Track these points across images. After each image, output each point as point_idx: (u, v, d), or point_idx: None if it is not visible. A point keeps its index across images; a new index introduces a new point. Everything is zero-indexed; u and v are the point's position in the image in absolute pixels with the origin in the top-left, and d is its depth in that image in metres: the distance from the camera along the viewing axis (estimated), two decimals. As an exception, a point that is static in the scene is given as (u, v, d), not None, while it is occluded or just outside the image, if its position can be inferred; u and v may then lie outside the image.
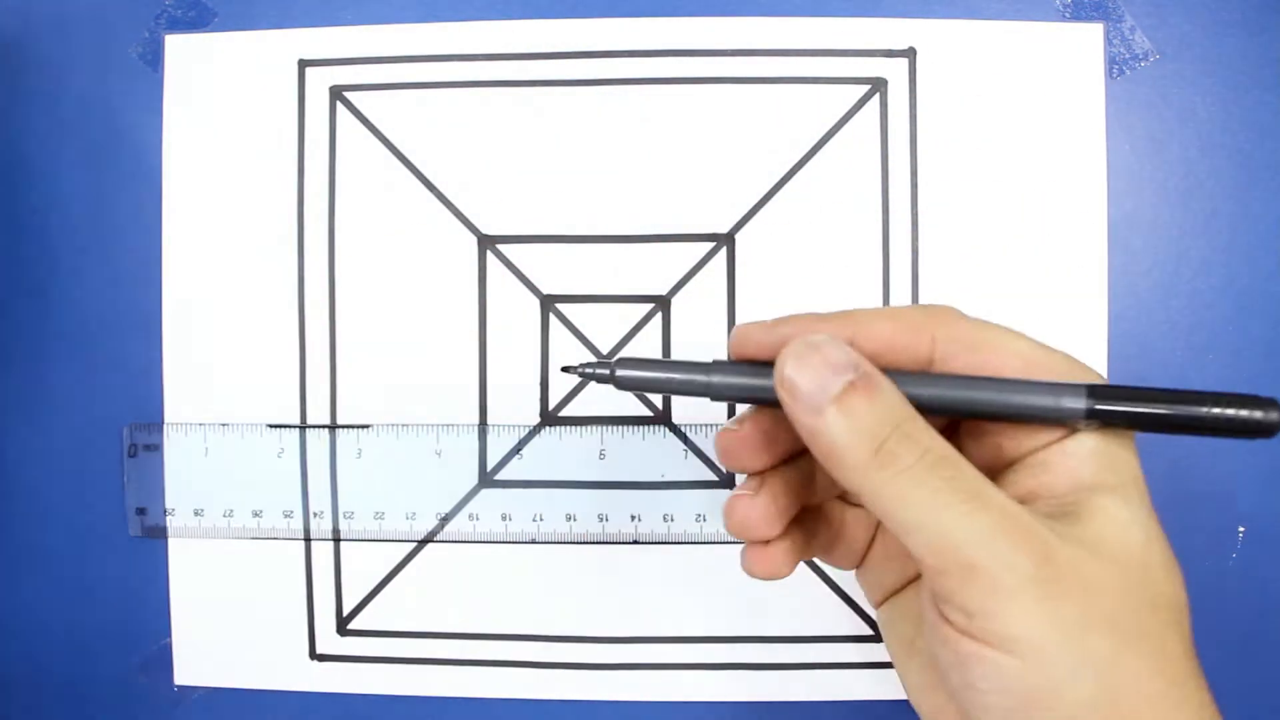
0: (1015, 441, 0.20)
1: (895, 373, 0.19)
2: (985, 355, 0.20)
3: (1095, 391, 0.19)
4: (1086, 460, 0.19)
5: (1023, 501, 0.19)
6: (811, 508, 0.23)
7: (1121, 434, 0.20)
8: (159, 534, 0.33)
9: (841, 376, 0.18)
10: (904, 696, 0.32)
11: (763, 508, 0.21)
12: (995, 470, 0.20)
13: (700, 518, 0.32)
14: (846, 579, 0.32)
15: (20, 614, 0.34)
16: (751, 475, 0.22)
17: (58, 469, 0.33)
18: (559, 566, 0.32)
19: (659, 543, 0.32)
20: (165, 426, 0.33)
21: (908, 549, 0.18)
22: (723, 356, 0.31)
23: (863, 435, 0.18)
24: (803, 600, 0.32)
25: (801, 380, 0.19)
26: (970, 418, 0.20)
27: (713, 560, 0.32)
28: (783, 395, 0.19)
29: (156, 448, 0.33)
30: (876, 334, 0.20)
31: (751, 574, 0.22)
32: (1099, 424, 0.19)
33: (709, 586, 0.32)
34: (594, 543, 0.32)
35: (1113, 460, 0.19)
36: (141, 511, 0.33)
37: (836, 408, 0.18)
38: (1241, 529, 0.32)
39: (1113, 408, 0.19)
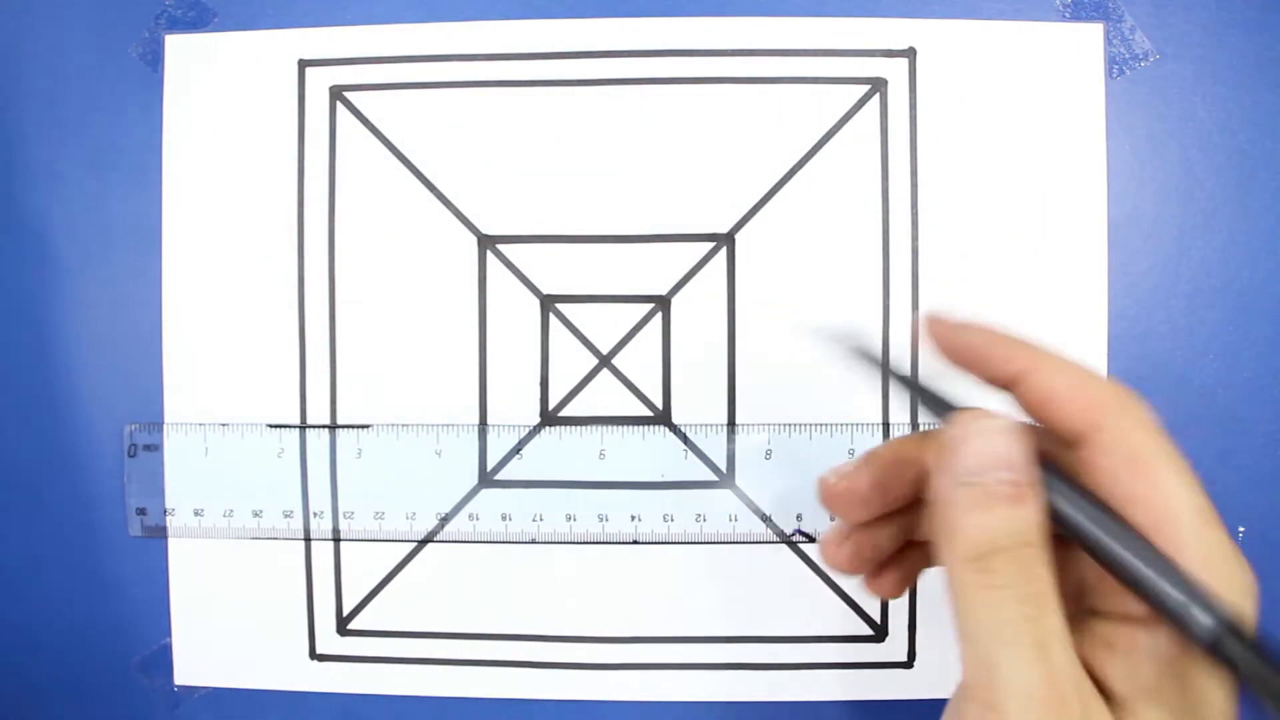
0: (1124, 600, 0.18)
1: (1052, 474, 0.18)
2: (1139, 481, 0.18)
3: (1228, 625, 0.16)
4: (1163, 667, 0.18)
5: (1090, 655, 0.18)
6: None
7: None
8: (159, 534, 0.33)
9: (1003, 473, 0.18)
10: (904, 696, 0.32)
11: (848, 555, 0.22)
12: (1086, 595, 0.20)
13: (700, 518, 0.32)
14: (847, 579, 0.32)
15: (20, 613, 0.34)
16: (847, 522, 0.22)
17: (58, 469, 0.33)
18: (559, 566, 0.32)
19: (659, 543, 0.32)
20: (165, 426, 0.33)
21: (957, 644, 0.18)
22: (722, 355, 0.31)
23: (982, 535, 0.18)
24: (803, 600, 0.32)
25: (968, 453, 0.18)
26: (1093, 556, 0.18)
27: (713, 560, 0.32)
28: (944, 445, 0.19)
29: (156, 448, 0.33)
30: (1047, 388, 0.19)
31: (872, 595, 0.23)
32: (1209, 651, 0.17)
33: (709, 587, 0.32)
34: (594, 543, 0.32)
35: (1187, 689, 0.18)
36: (142, 511, 0.33)
37: (979, 497, 0.18)
38: (1241, 529, 0.32)
39: (1234, 651, 0.16)
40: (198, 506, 0.33)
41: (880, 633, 0.32)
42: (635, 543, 0.32)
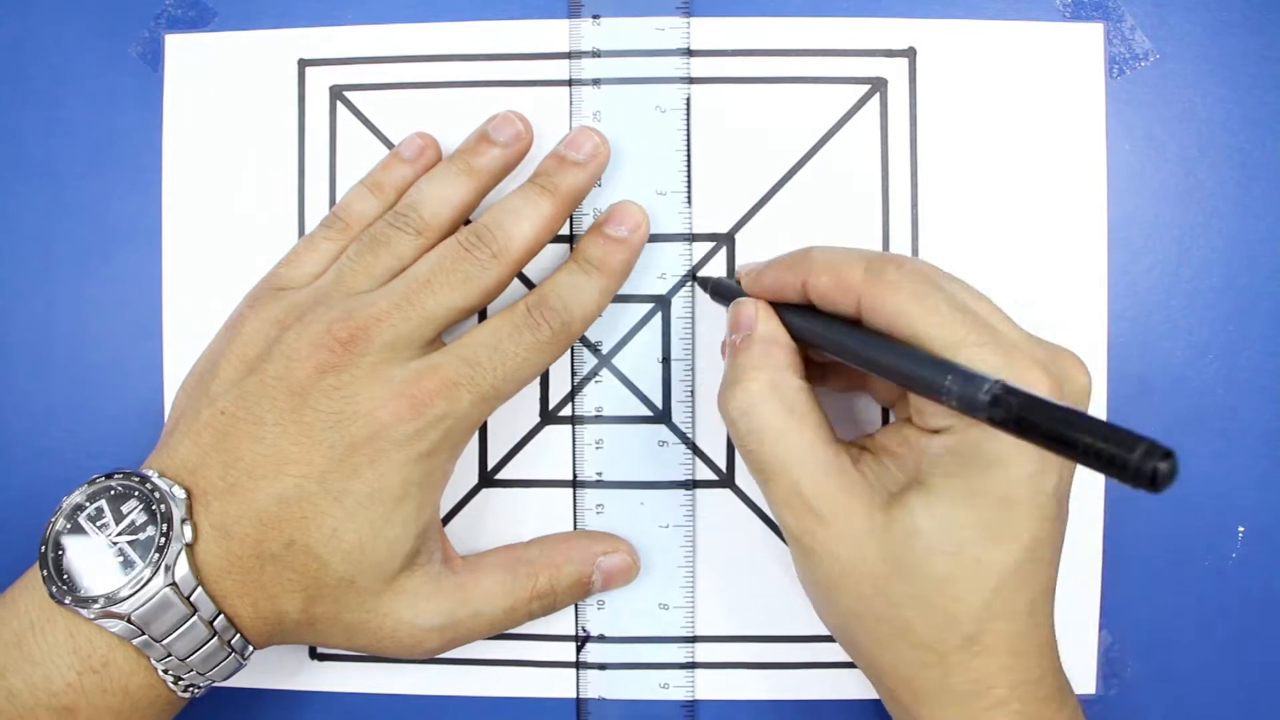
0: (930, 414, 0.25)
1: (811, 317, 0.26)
2: (902, 331, 0.24)
3: (1000, 387, 0.20)
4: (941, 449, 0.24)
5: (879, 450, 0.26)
6: None
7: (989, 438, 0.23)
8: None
9: (741, 332, 0.27)
10: (904, 696, 0.32)
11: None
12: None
13: (700, 518, 0.32)
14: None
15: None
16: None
17: (59, 470, 0.33)
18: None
19: (659, 543, 0.32)
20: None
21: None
22: (720, 356, 0.31)
23: (732, 368, 0.27)
24: (803, 600, 0.32)
25: (733, 324, 0.28)
26: (888, 379, 0.24)
27: (713, 560, 0.32)
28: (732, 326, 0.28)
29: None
30: (817, 285, 0.26)
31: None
32: (988, 416, 0.20)
33: (709, 586, 0.32)
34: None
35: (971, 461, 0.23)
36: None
37: (734, 348, 0.27)
38: (1241, 529, 0.32)
39: (1010, 404, 0.19)
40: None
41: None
42: (635, 543, 0.32)
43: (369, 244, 0.29)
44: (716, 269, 0.32)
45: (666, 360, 0.32)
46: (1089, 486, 0.32)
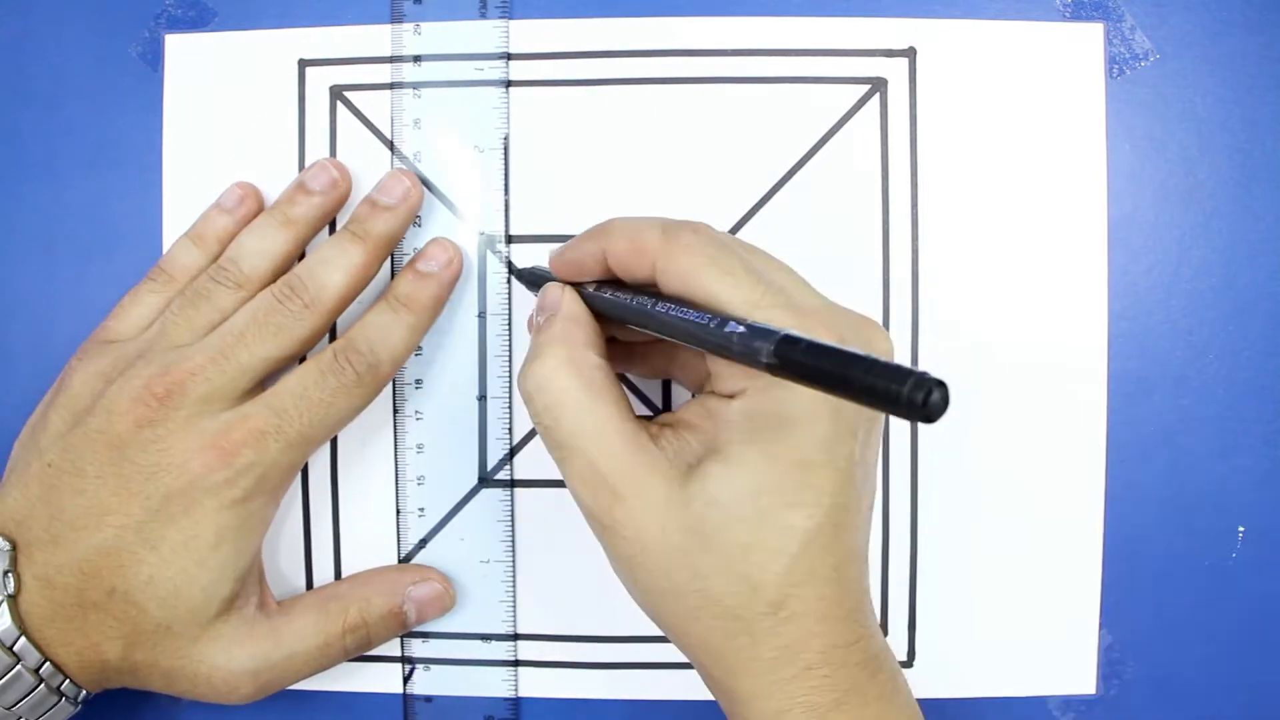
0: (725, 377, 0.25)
1: (618, 293, 0.26)
2: (695, 294, 0.24)
3: (782, 336, 0.20)
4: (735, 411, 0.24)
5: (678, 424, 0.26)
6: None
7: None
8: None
9: (546, 313, 0.27)
10: (904, 696, 0.32)
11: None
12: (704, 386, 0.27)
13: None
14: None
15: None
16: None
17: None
18: (559, 566, 0.32)
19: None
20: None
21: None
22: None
23: (533, 346, 0.26)
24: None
25: (539, 307, 0.28)
26: (680, 341, 0.24)
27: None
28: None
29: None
30: (615, 251, 0.26)
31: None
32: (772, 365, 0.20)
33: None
34: (594, 542, 0.32)
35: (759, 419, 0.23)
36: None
37: (537, 328, 0.27)
38: (1241, 529, 0.32)
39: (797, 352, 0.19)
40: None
41: (880, 632, 0.32)
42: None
43: (191, 298, 0.30)
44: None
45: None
46: (1089, 486, 0.32)
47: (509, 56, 0.32)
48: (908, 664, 0.32)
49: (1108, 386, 0.32)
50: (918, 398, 0.16)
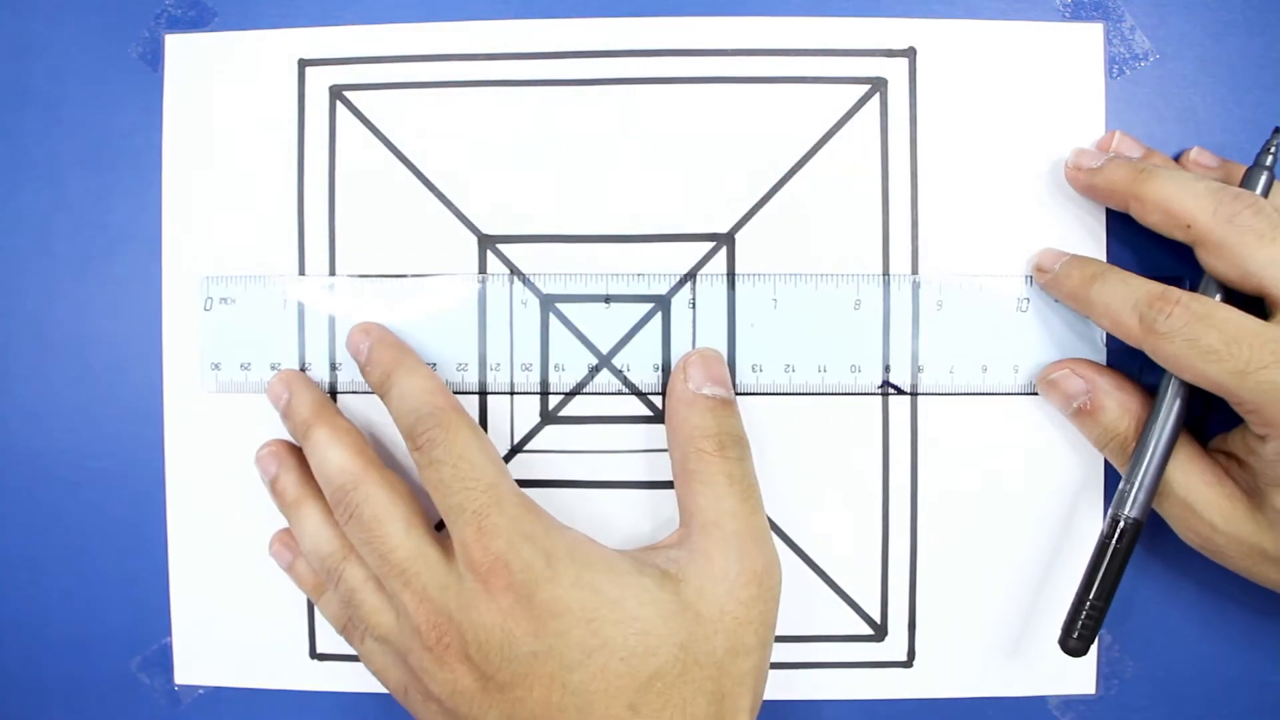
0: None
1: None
2: None
3: None
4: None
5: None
6: None
7: None
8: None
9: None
10: (904, 696, 0.32)
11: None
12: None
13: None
14: (847, 579, 0.32)
15: (20, 612, 0.34)
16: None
17: (59, 470, 0.33)
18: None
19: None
20: (166, 426, 0.33)
21: None
22: (722, 355, 0.30)
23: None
24: (803, 599, 0.32)
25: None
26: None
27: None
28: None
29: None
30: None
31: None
32: None
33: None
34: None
35: None
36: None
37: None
38: (1241, 529, 0.32)
39: None
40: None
41: (880, 632, 0.32)
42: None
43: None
44: (716, 268, 0.32)
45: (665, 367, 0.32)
46: (1089, 486, 0.32)
47: (512, 57, 0.32)
48: (908, 664, 0.32)
49: (1108, 386, 0.32)
50: None
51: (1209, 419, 0.30)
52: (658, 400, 0.32)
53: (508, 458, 0.32)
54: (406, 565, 0.27)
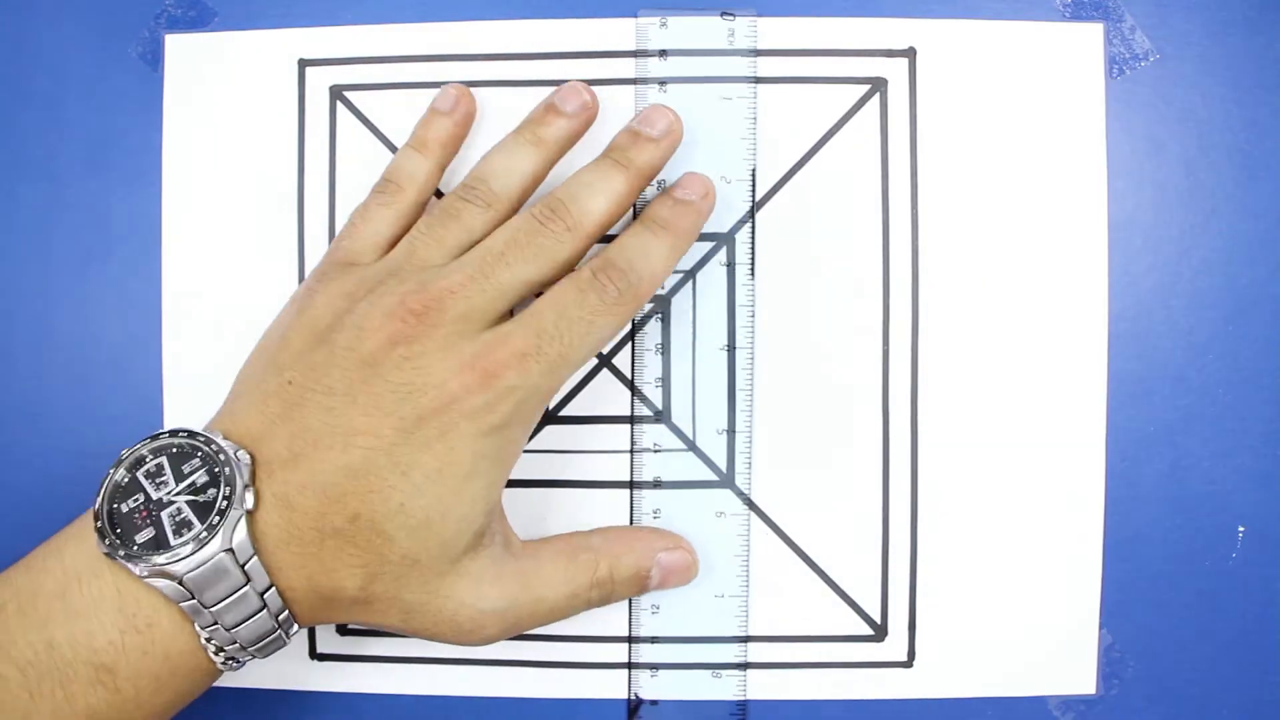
0: None
1: None
2: None
3: None
4: None
5: None
6: None
7: None
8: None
9: None
10: (904, 696, 0.32)
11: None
12: None
13: (700, 518, 0.32)
14: (847, 580, 0.32)
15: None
16: None
17: (59, 470, 0.33)
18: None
19: (659, 543, 0.32)
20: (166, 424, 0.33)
21: None
22: (722, 355, 0.31)
23: None
24: (802, 600, 0.32)
25: None
26: None
27: (713, 560, 0.32)
28: None
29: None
30: None
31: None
32: None
33: (709, 586, 0.32)
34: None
35: None
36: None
37: None
38: (1241, 529, 0.32)
39: None
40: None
41: (880, 632, 0.32)
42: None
43: (439, 217, 0.29)
44: (716, 268, 0.32)
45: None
46: (1089, 486, 0.32)
47: (512, 57, 0.32)
48: (908, 664, 0.32)
49: (1108, 386, 0.32)
50: None
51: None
52: (657, 400, 0.32)
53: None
54: (509, 255, 0.27)
